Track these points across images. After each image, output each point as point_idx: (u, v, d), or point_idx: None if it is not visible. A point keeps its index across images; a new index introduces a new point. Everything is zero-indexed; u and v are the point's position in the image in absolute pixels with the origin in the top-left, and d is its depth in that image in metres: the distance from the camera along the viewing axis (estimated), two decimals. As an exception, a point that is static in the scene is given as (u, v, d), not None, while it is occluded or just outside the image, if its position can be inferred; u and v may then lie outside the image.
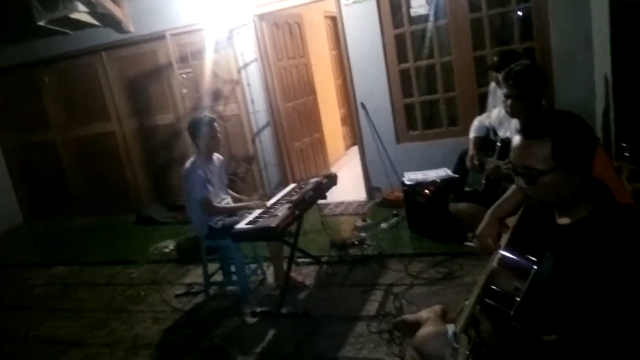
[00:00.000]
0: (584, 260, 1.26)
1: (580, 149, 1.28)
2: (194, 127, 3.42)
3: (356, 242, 4.02)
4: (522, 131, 1.33)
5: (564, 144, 1.26)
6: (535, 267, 1.48)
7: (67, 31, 5.62)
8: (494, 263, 1.59)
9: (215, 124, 3.46)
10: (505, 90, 2.70)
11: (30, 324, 3.81)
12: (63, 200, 6.53)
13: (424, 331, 1.63)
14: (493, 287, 1.56)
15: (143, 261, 4.56)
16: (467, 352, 1.26)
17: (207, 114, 3.66)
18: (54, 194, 6.57)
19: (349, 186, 5.39)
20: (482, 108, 4.25)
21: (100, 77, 5.90)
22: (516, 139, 1.33)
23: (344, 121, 7.53)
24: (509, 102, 2.63)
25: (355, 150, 7.13)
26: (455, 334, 1.38)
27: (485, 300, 1.53)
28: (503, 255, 1.60)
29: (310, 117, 6.03)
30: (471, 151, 3.22)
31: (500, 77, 3.45)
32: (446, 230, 3.70)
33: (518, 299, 1.52)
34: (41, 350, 3.41)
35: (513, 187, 2.04)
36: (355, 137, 7.33)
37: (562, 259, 1.36)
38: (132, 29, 5.46)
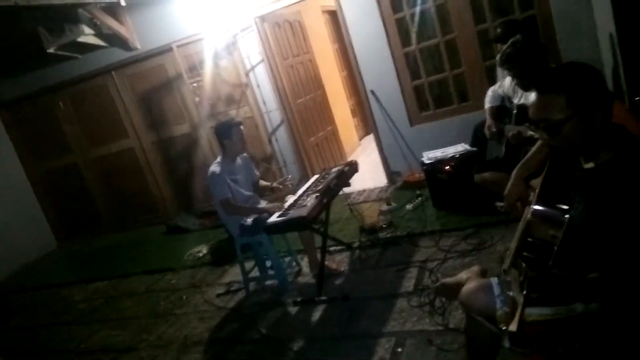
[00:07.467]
0: (613, 198, 1.34)
1: (593, 93, 1.37)
2: (223, 130, 3.53)
3: (384, 225, 4.10)
4: (537, 88, 1.43)
5: (577, 91, 1.35)
6: (568, 215, 1.57)
7: (76, 55, 5.77)
8: (528, 215, 1.68)
9: (242, 127, 3.58)
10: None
11: (80, 337, 3.95)
12: (93, 220, 6.69)
13: (469, 286, 1.71)
14: (530, 238, 1.65)
15: (180, 267, 4.69)
16: (521, 279, 1.35)
17: (234, 117, 3.78)
18: (83, 216, 6.73)
19: (368, 174, 5.48)
20: (490, 80, 4.30)
21: (113, 96, 6.04)
22: (532, 97, 1.43)
23: (354, 112, 7.61)
24: (514, 80, 2.71)
25: (368, 139, 7.22)
26: (504, 270, 1.47)
27: (524, 252, 1.62)
28: (536, 208, 1.69)
29: (321, 111, 6.13)
30: (488, 121, 3.29)
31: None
32: (471, 203, 3.77)
33: (556, 247, 1.62)
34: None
35: (535, 147, 2.14)
36: (367, 127, 7.46)
37: (592, 200, 1.44)
38: (138, 45, 5.59)
